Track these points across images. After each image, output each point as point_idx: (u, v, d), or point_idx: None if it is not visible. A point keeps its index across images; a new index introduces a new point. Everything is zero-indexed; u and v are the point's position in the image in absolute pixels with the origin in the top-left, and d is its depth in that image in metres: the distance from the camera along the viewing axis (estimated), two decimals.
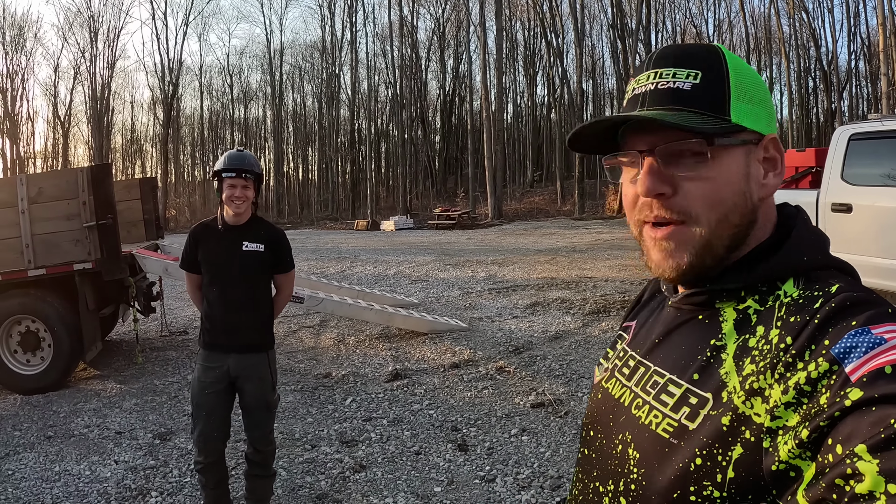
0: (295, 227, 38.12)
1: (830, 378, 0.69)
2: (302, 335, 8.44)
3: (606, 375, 1.05)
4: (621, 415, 0.94)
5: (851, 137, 6.71)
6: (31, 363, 6.67)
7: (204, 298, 3.75)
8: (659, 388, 0.89)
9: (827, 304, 0.76)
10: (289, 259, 3.87)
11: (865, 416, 0.63)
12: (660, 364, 0.92)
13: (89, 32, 47.85)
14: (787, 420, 0.71)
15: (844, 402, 0.65)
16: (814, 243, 0.87)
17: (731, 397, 0.77)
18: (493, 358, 6.94)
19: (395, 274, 13.25)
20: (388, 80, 49.55)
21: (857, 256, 6.37)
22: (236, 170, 3.59)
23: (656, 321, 1.01)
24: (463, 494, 4.11)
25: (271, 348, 3.80)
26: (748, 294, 0.86)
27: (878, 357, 0.67)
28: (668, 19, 48.22)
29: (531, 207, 38.47)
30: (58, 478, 4.58)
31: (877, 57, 29.35)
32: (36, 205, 6.55)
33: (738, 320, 0.85)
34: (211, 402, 3.62)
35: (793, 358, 0.73)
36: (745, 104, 0.87)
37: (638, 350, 1.00)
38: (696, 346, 0.87)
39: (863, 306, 0.74)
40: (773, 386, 0.74)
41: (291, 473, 4.49)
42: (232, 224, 3.69)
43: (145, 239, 8.53)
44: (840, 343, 0.70)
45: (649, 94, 0.89)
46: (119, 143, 58.23)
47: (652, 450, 0.84)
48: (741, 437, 0.74)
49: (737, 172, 0.86)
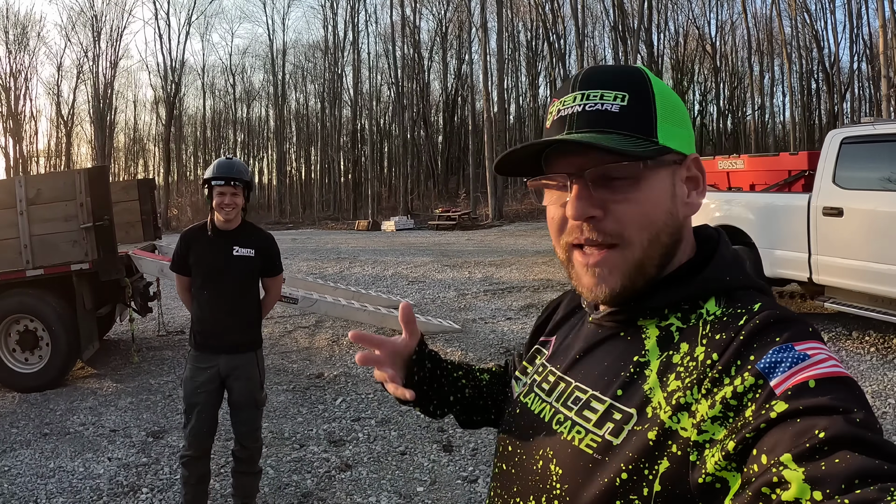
0: (296, 226, 38.22)
1: (756, 392, 0.71)
2: (297, 335, 8.53)
3: (525, 390, 1.04)
4: (541, 430, 0.94)
5: (843, 141, 6.73)
6: (29, 362, 6.78)
7: (194, 300, 3.86)
8: (581, 403, 0.89)
9: (751, 322, 0.78)
10: (278, 263, 4.00)
11: (790, 427, 0.66)
12: (581, 380, 0.92)
13: (92, 32, 48.00)
14: (714, 434, 0.72)
15: (770, 413, 0.67)
16: (734, 264, 0.89)
17: (657, 412, 0.79)
18: (484, 359, 7.02)
19: (393, 275, 13.33)
20: (391, 80, 49.54)
21: (848, 260, 6.44)
22: (225, 178, 3.71)
23: (576, 337, 1.01)
24: (444, 494, 4.20)
25: (259, 348, 3.92)
26: (671, 312, 0.87)
27: (802, 372, 0.70)
28: (670, 20, 48.23)
29: (532, 208, 38.36)
30: (52, 474, 4.68)
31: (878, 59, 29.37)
32: (34, 206, 6.64)
33: (661, 337, 0.86)
34: (202, 400, 3.73)
35: (719, 373, 0.75)
36: (670, 125, 0.89)
37: (558, 366, 0.99)
38: (619, 362, 0.88)
39: (785, 324, 0.77)
40: (699, 401, 0.75)
41: (279, 472, 4.59)
42: (222, 229, 3.80)
43: (143, 240, 8.62)
44: (765, 358, 0.72)
45: (577, 116, 0.88)
46: (122, 143, 58.42)
47: (575, 465, 0.84)
48: (668, 452, 0.75)
49: (664, 193, 0.88)
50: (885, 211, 6.20)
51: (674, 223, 0.89)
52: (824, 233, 6.72)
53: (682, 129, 0.91)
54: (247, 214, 3.94)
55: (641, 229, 0.86)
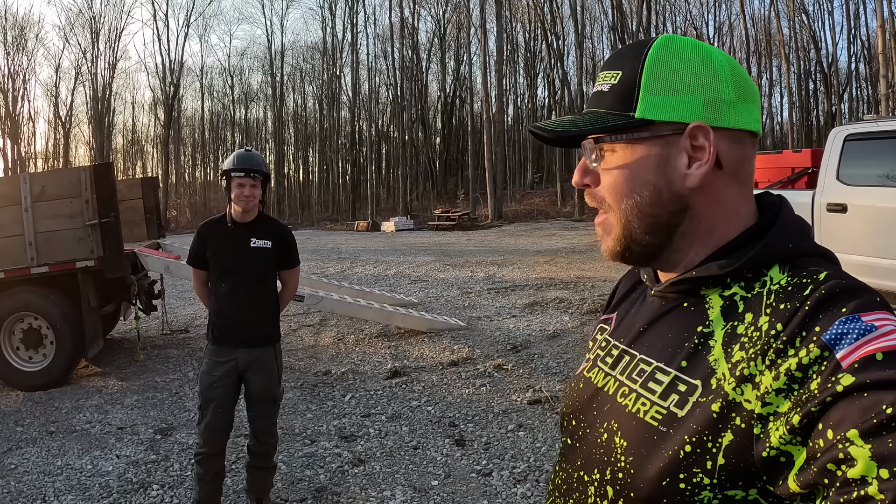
0: (295, 228, 38.09)
1: (822, 364, 0.69)
2: (302, 333, 8.50)
3: (588, 366, 1.04)
4: (606, 403, 0.93)
5: (847, 138, 6.74)
6: (33, 360, 6.73)
7: (212, 294, 3.84)
8: (646, 375, 0.88)
9: (817, 291, 0.76)
10: (295, 255, 3.99)
11: (857, 402, 0.64)
12: (646, 352, 0.91)
13: (91, 33, 47.90)
14: (778, 406, 0.71)
15: (836, 387, 0.66)
16: (797, 230, 0.87)
17: (721, 384, 0.77)
18: (492, 356, 6.99)
19: (395, 274, 13.31)
20: (389, 81, 49.58)
21: (852, 256, 6.43)
22: (245, 169, 3.70)
23: (639, 311, 1.00)
24: (460, 487, 4.17)
25: (278, 341, 3.92)
26: (734, 281, 0.85)
27: (870, 344, 0.67)
28: (668, 21, 48.25)
29: (531, 209, 38.49)
30: (60, 472, 4.64)
31: (876, 59, 29.40)
32: (39, 203, 6.61)
33: (725, 307, 0.84)
34: (219, 395, 3.70)
35: (783, 344, 0.73)
36: (659, 96, 0.87)
37: (622, 339, 0.99)
38: (683, 333, 0.87)
39: (852, 294, 0.74)
40: (763, 372, 0.74)
41: (291, 467, 4.55)
42: (240, 221, 3.78)
43: (147, 238, 8.58)
44: (831, 330, 0.70)
45: (590, 97, 0.96)
46: (120, 144, 58.30)
47: (640, 438, 0.84)
48: (731, 424, 0.74)
49: (643, 165, 0.88)
50: (888, 207, 6.21)
51: (660, 195, 0.88)
52: (828, 229, 6.71)
53: (682, 97, 0.87)
54: (264, 207, 3.91)
55: (616, 198, 0.90)
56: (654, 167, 0.88)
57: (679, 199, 0.89)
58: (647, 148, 0.88)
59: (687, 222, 0.90)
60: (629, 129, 0.88)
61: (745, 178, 0.91)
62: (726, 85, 0.88)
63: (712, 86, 0.87)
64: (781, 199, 0.92)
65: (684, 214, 0.89)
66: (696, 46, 0.90)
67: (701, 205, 0.89)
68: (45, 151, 54.52)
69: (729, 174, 0.88)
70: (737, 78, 0.89)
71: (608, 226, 0.94)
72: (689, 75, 0.88)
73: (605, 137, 0.90)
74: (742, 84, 0.89)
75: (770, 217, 0.89)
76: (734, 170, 0.89)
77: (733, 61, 0.90)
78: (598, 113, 0.91)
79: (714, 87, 0.87)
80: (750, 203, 0.92)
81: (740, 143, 0.89)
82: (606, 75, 0.92)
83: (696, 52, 0.89)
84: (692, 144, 0.87)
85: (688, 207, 0.89)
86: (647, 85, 0.88)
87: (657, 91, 0.88)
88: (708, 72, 0.88)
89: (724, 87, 0.88)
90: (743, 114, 0.88)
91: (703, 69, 0.88)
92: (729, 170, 0.88)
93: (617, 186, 0.90)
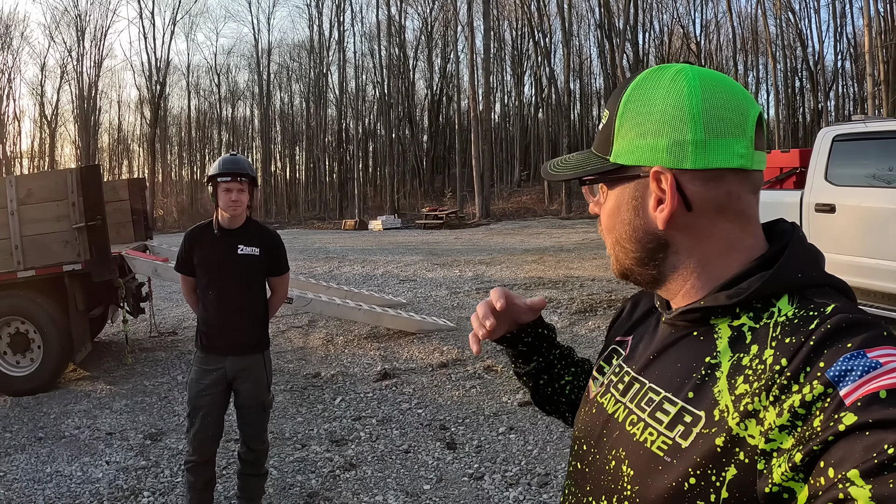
0: (282, 226, 38.03)
1: (825, 401, 0.68)
2: (291, 335, 8.47)
3: (601, 390, 1.04)
4: (615, 430, 0.94)
5: (835, 138, 6.78)
6: (20, 365, 6.68)
7: (200, 301, 3.80)
8: (654, 405, 0.88)
9: (822, 326, 0.75)
10: (284, 262, 3.94)
11: (859, 441, 0.64)
12: (655, 381, 0.91)
13: (76, 31, 47.70)
14: (782, 443, 0.71)
15: (838, 426, 0.66)
16: (809, 260, 0.86)
17: (725, 417, 0.77)
18: (481, 357, 6.99)
19: (384, 274, 13.29)
20: (376, 79, 49.51)
21: (841, 256, 6.48)
22: (231, 174, 3.65)
23: (651, 337, 1.00)
24: (452, 492, 4.17)
25: (267, 349, 3.87)
26: (743, 311, 0.85)
27: (873, 381, 0.67)
28: (655, 19, 48.46)
29: (519, 207, 38.56)
30: (49, 479, 4.61)
31: (863, 57, 29.59)
32: (25, 206, 6.55)
33: (733, 337, 0.84)
34: (208, 403, 3.67)
35: (787, 380, 0.73)
36: (628, 140, 0.89)
37: (633, 366, 0.99)
38: (692, 363, 0.87)
39: (858, 328, 0.74)
40: (767, 408, 0.74)
41: (282, 472, 4.54)
42: (227, 228, 3.74)
43: (134, 240, 8.53)
44: (835, 366, 0.70)
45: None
46: (106, 143, 57.91)
47: (646, 467, 0.84)
48: (735, 459, 0.74)
49: (622, 204, 0.93)
50: (876, 207, 6.25)
51: (636, 234, 0.92)
52: (817, 229, 6.75)
53: (647, 140, 0.87)
54: (252, 212, 3.88)
55: (606, 232, 0.98)
56: (631, 207, 0.92)
57: (655, 238, 0.91)
58: (626, 189, 0.92)
59: (673, 257, 0.91)
60: (604, 172, 0.94)
61: (739, 214, 0.88)
62: (695, 125, 0.85)
63: (678, 127, 0.85)
64: (794, 227, 0.91)
65: (666, 250, 0.92)
66: (672, 83, 0.87)
67: (682, 242, 0.90)
68: (31, 151, 54.14)
69: (712, 212, 0.87)
70: (712, 114, 0.85)
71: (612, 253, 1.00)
72: (654, 118, 0.87)
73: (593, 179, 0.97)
74: (719, 120, 0.85)
75: (781, 245, 0.88)
76: (718, 207, 0.87)
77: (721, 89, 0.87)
78: (590, 153, 0.98)
79: (680, 128, 0.85)
80: (752, 236, 0.90)
81: (718, 181, 0.86)
82: (604, 113, 0.96)
83: (667, 91, 0.87)
84: (659, 187, 0.87)
85: (668, 244, 0.91)
86: (619, 128, 0.91)
87: (626, 135, 0.90)
88: (675, 112, 0.86)
89: (693, 127, 0.85)
90: (716, 152, 0.85)
91: (671, 110, 0.86)
92: (707, 208, 0.86)
93: (605, 222, 0.98)
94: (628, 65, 38.28)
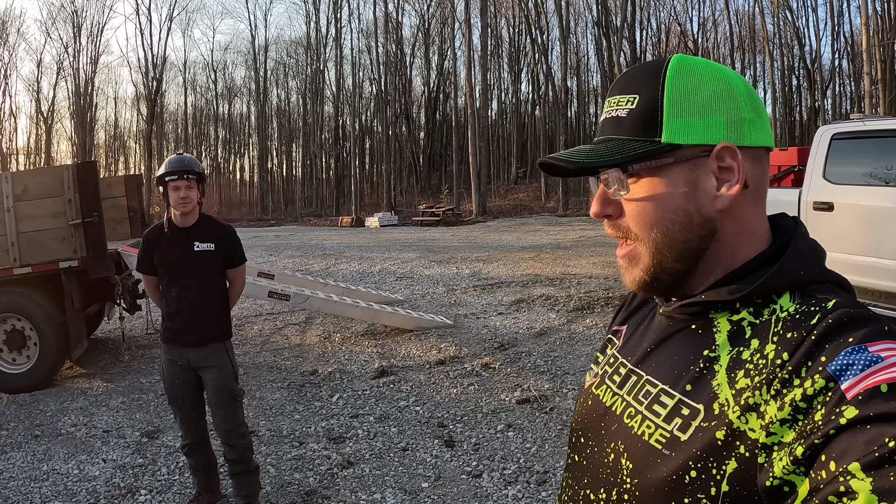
0: (279, 223, 38.03)
1: (826, 395, 0.69)
2: (288, 332, 8.45)
3: (596, 381, 1.04)
4: (613, 423, 0.94)
5: (833, 137, 6.79)
6: (16, 362, 6.65)
7: (163, 298, 3.96)
8: (651, 397, 0.88)
9: (824, 321, 0.76)
10: (240, 254, 4.07)
11: (860, 435, 0.64)
12: (652, 373, 0.91)
13: (73, 27, 47.58)
14: (783, 436, 0.71)
15: (839, 419, 0.66)
16: (811, 256, 0.87)
17: (725, 410, 0.77)
18: (479, 354, 6.99)
19: (380, 271, 13.26)
20: (373, 76, 49.49)
21: (839, 254, 6.48)
22: (178, 171, 3.78)
23: (648, 329, 1.00)
24: (450, 490, 4.17)
25: (228, 339, 4.00)
26: (743, 306, 0.85)
27: (875, 375, 0.67)
28: (652, 17, 48.47)
29: (515, 204, 38.57)
30: (46, 477, 4.59)
31: (860, 56, 29.64)
32: (21, 202, 6.51)
33: (732, 332, 0.84)
34: (181, 391, 3.87)
35: (789, 374, 0.73)
36: (684, 119, 0.86)
37: (629, 357, 0.99)
38: (690, 356, 0.87)
39: (859, 323, 0.74)
40: (768, 402, 0.74)
41: (280, 470, 4.53)
42: (181, 226, 3.88)
43: (130, 236, 8.47)
44: (836, 360, 0.70)
45: (601, 124, 0.93)
46: (102, 139, 58.02)
47: (645, 460, 0.84)
48: (735, 452, 0.75)
49: (672, 191, 0.86)
50: (874, 205, 6.26)
51: (691, 220, 0.87)
52: (815, 227, 6.74)
53: (708, 119, 0.86)
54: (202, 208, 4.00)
55: (647, 228, 0.88)
56: (683, 192, 0.87)
57: (709, 223, 0.87)
58: (675, 173, 0.87)
59: (713, 245, 0.88)
60: (657, 155, 0.86)
61: (762, 197, 0.90)
62: (745, 103, 0.87)
63: (732, 105, 0.87)
64: (797, 222, 0.91)
65: (713, 238, 0.88)
66: (709, 66, 0.89)
67: (727, 227, 0.88)
68: (27, 147, 54.06)
69: (752, 193, 0.88)
70: (752, 96, 0.88)
71: (635, 256, 0.91)
72: (710, 96, 0.87)
73: (631, 165, 0.87)
74: (756, 101, 0.89)
75: (784, 241, 0.88)
76: (755, 188, 0.88)
77: (744, 79, 0.90)
78: (621, 140, 0.89)
79: (734, 106, 0.87)
80: (765, 223, 0.91)
81: (760, 160, 0.89)
82: (621, 100, 0.90)
83: (712, 73, 0.88)
84: (719, 166, 0.86)
85: (716, 230, 0.88)
86: (670, 108, 0.86)
87: (681, 114, 0.86)
88: (726, 91, 0.87)
89: (743, 105, 0.87)
90: (761, 131, 0.88)
91: (722, 89, 0.87)
92: (752, 189, 0.88)
93: (645, 215, 0.88)
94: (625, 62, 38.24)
